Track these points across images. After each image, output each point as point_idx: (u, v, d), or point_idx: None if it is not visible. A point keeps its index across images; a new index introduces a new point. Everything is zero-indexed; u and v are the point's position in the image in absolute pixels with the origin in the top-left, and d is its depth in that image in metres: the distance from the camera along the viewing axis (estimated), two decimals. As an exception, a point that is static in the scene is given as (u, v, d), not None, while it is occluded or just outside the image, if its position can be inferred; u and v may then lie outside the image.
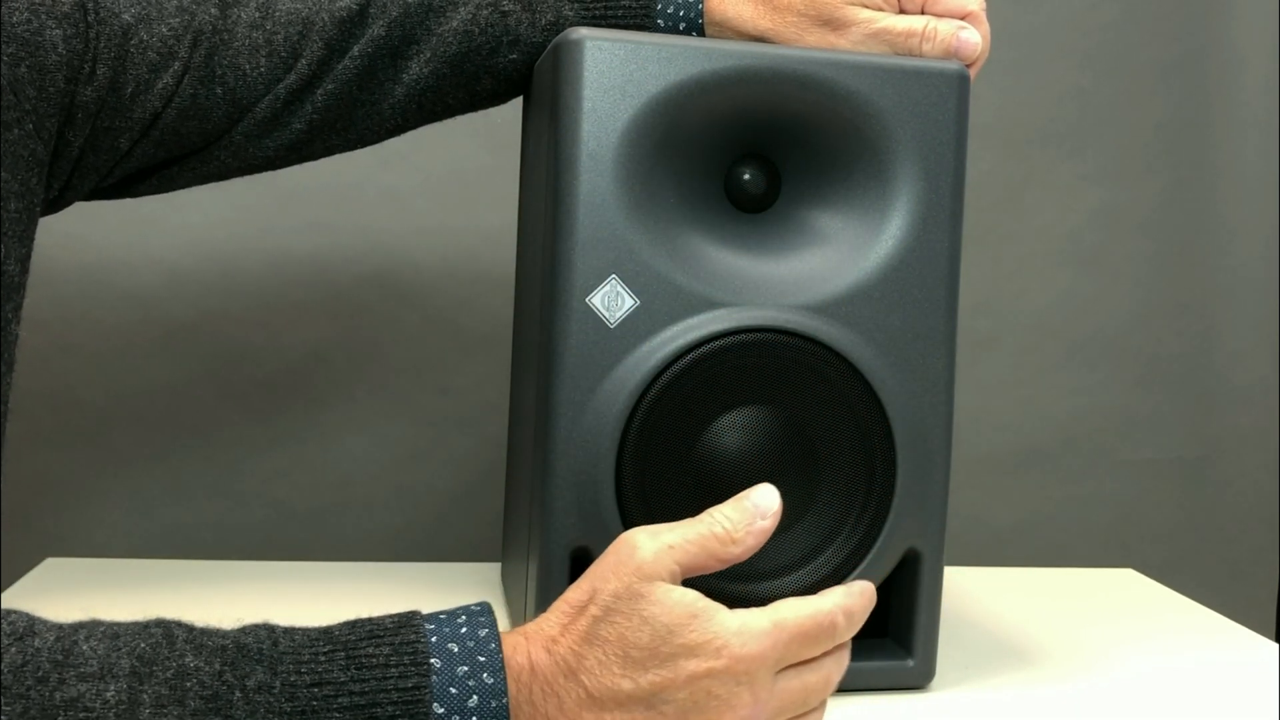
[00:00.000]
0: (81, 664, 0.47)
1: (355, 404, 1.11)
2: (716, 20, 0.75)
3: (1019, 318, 1.22)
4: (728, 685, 0.52)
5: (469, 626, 0.53)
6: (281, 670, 0.49)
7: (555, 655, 0.53)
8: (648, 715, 0.52)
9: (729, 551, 0.55)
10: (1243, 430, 1.27)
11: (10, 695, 0.44)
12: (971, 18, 0.74)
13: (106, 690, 0.46)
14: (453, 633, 0.53)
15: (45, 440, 1.05)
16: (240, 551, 1.08)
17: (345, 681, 0.49)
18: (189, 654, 0.48)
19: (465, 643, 0.52)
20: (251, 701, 0.48)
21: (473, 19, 0.75)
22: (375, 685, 0.50)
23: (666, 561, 0.54)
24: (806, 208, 0.72)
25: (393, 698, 0.50)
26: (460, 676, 0.51)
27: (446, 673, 0.51)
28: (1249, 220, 1.25)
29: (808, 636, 0.55)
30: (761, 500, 0.56)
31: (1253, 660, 0.84)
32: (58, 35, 0.64)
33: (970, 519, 1.21)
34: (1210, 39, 1.23)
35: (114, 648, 0.48)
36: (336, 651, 0.50)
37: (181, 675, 0.48)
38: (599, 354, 0.68)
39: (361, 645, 0.51)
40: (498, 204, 1.05)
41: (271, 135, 0.75)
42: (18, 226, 0.62)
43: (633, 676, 0.52)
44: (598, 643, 0.52)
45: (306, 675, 0.49)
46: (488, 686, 0.51)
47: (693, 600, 0.53)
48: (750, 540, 0.55)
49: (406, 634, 0.52)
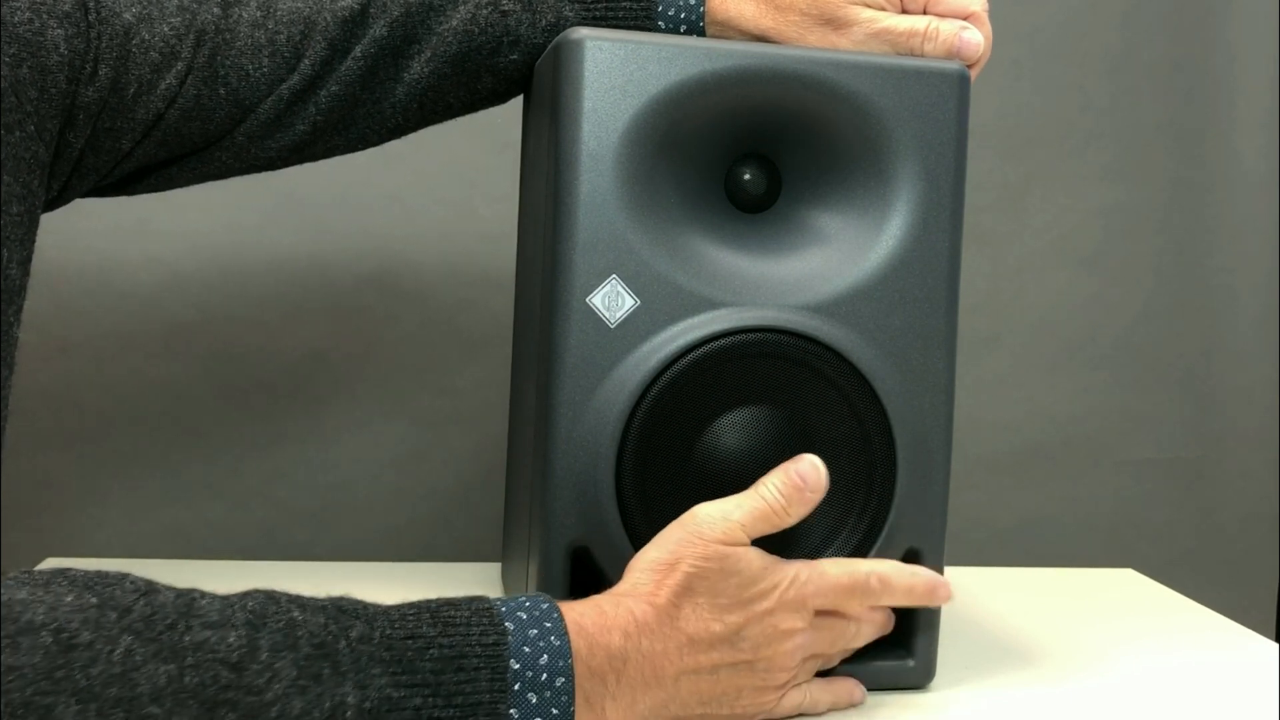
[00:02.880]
0: (203, 615, 0.51)
1: (355, 404, 1.11)
2: (718, 20, 0.75)
3: (1019, 318, 1.22)
4: (787, 617, 0.65)
5: (531, 602, 0.60)
6: (379, 625, 0.55)
7: (657, 606, 0.62)
8: (732, 651, 0.63)
9: (782, 520, 0.66)
10: (1243, 430, 1.27)
11: (144, 639, 0.49)
12: (974, 18, 0.74)
13: (228, 636, 0.51)
14: (518, 605, 0.59)
15: (45, 440, 1.05)
16: (240, 551, 1.08)
17: (435, 635, 0.55)
18: (295, 609, 0.54)
19: (532, 613, 0.59)
20: (355, 650, 0.53)
21: (473, 18, 0.75)
22: (460, 639, 0.55)
23: (738, 533, 0.64)
24: (806, 208, 0.72)
25: (476, 651, 0.55)
26: (532, 638, 0.57)
27: (519, 634, 0.57)
28: (1249, 220, 1.25)
29: (844, 589, 0.67)
30: (805, 471, 0.66)
31: (1253, 660, 0.84)
32: (59, 35, 0.64)
33: (970, 519, 1.21)
34: (1210, 39, 1.23)
35: (227, 604, 0.53)
36: (422, 613, 0.56)
37: (291, 626, 0.53)
38: (599, 354, 0.68)
39: (443, 610, 0.57)
40: (498, 204, 1.05)
41: (274, 136, 0.75)
42: (19, 230, 0.62)
43: (722, 619, 0.63)
44: (692, 594, 0.63)
45: (399, 630, 0.55)
46: (555, 648, 0.57)
47: (762, 555, 0.65)
48: (799, 509, 0.66)
49: (480, 603, 0.58)
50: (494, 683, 0.55)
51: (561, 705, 0.56)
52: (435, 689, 0.54)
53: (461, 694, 0.54)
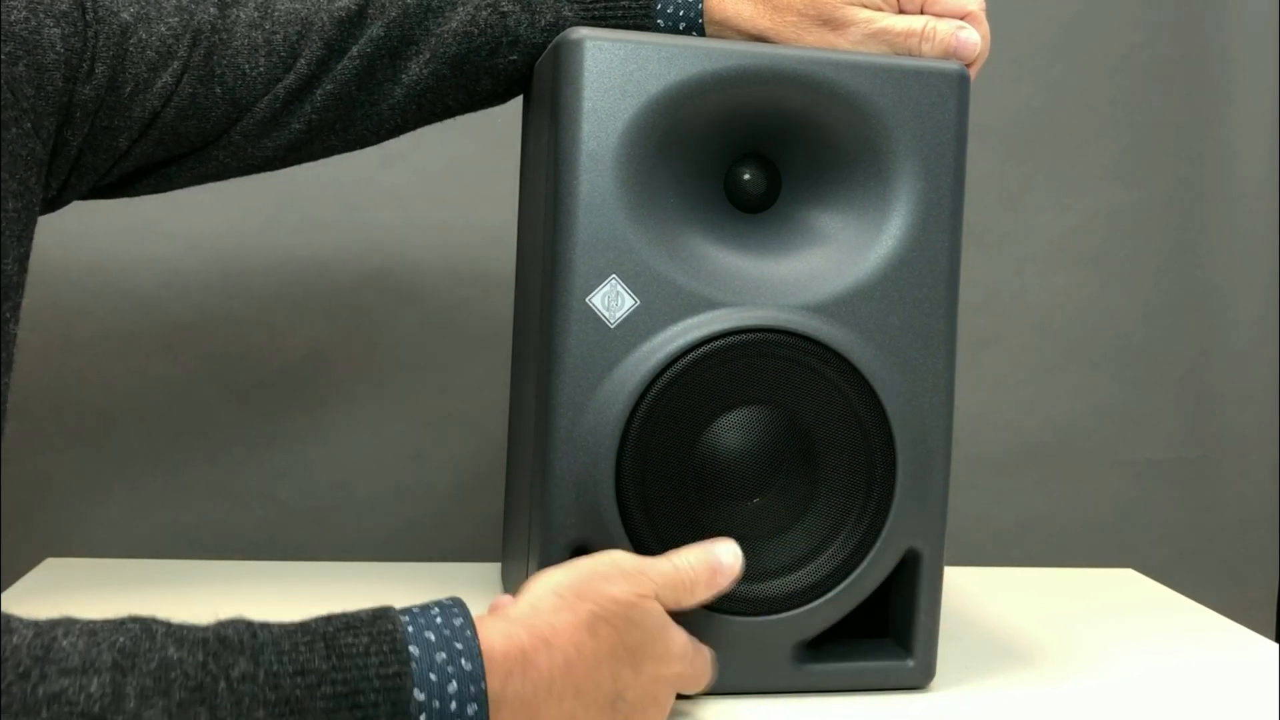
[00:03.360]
0: (63, 659, 0.46)
1: (355, 404, 1.11)
2: (716, 20, 0.75)
3: (1019, 318, 1.22)
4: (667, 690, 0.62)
5: (443, 617, 0.55)
6: (264, 660, 0.50)
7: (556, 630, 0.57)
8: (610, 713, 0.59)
9: (687, 598, 0.64)
10: (1243, 430, 1.27)
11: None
12: (971, 18, 0.74)
13: (90, 684, 0.46)
14: (427, 623, 0.54)
15: (45, 440, 1.05)
16: (240, 551, 1.08)
17: (327, 670, 0.50)
18: (170, 646, 0.49)
19: (441, 631, 0.54)
20: (236, 691, 0.48)
21: (472, 19, 0.75)
22: (357, 673, 0.51)
23: (649, 588, 0.62)
24: (806, 208, 0.72)
25: (374, 685, 0.51)
26: (439, 663, 0.52)
27: (425, 660, 0.52)
28: (1249, 220, 1.25)
29: None
30: (724, 555, 0.65)
31: (1253, 660, 0.84)
32: (56, 34, 0.64)
33: (970, 519, 1.21)
34: (1210, 39, 1.23)
35: (93, 643, 0.48)
36: (316, 641, 0.51)
37: (165, 667, 0.48)
38: (599, 354, 0.68)
39: (340, 635, 0.52)
40: (498, 204, 1.05)
41: (270, 135, 0.75)
42: (16, 226, 0.62)
43: (615, 673, 0.59)
44: (594, 633, 0.58)
45: (289, 664, 0.50)
46: (466, 672, 0.53)
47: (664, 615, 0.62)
48: (704, 592, 0.64)
49: (383, 624, 0.53)
50: (395, 718, 0.51)
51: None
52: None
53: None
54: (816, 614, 0.71)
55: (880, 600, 0.74)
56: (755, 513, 0.70)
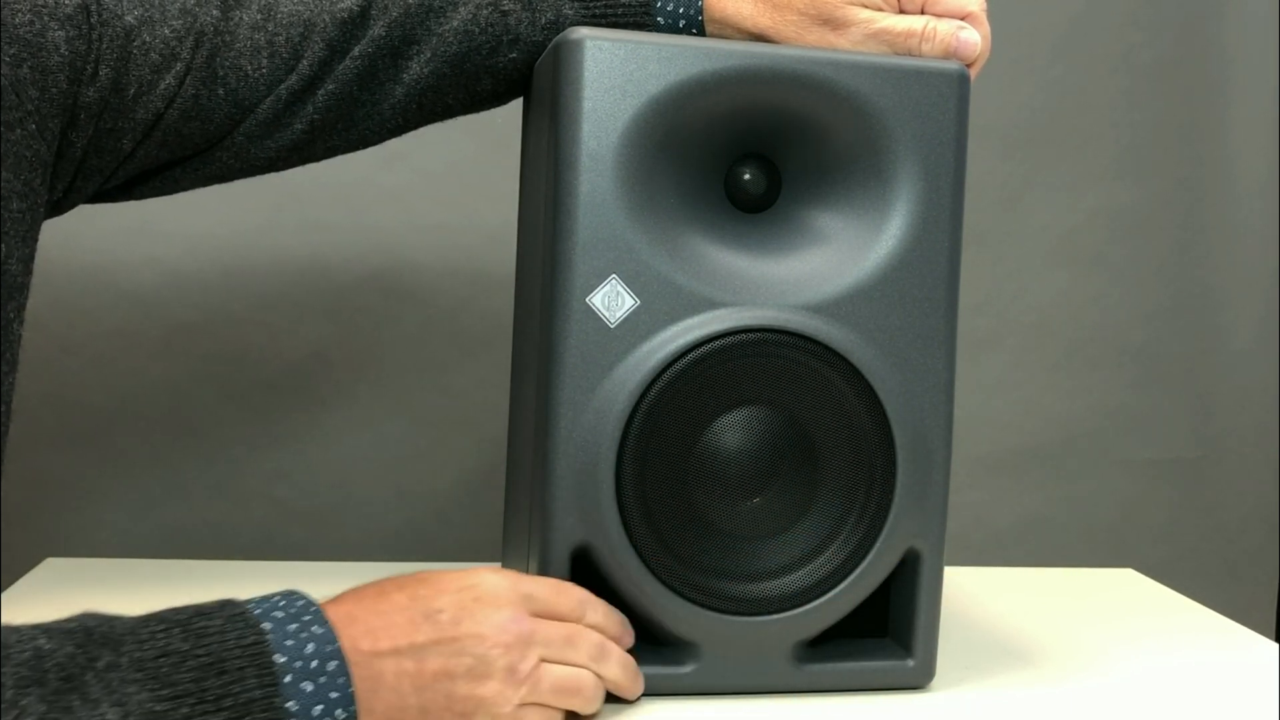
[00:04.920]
0: None
1: (355, 404, 1.11)
2: (716, 18, 0.75)
3: (1019, 318, 1.22)
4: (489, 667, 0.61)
5: (285, 600, 0.58)
6: (126, 649, 0.52)
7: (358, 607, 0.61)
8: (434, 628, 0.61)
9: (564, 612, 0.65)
10: (1243, 430, 1.27)
11: None
12: (971, 18, 0.74)
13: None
14: (272, 606, 0.57)
15: (45, 440, 1.05)
16: (240, 551, 1.08)
17: (189, 649, 0.53)
18: (41, 638, 0.51)
19: (288, 609, 0.57)
20: (104, 679, 0.50)
21: (473, 18, 0.75)
22: (218, 647, 0.53)
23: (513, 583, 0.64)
24: (806, 208, 0.72)
25: (236, 654, 0.53)
26: (293, 632, 0.56)
27: (279, 631, 0.55)
28: (1249, 220, 1.25)
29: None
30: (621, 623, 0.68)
31: (1253, 660, 0.84)
32: (60, 37, 0.64)
33: (970, 519, 1.22)
34: (1210, 39, 1.23)
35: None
36: (172, 628, 0.54)
37: (39, 657, 0.50)
38: (599, 354, 0.68)
39: (194, 621, 0.54)
40: (498, 204, 1.05)
41: (273, 136, 0.75)
42: (20, 227, 0.62)
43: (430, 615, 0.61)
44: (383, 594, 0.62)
45: (150, 650, 0.52)
46: (319, 635, 0.56)
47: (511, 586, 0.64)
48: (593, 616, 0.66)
49: (232, 608, 0.56)
50: (262, 678, 0.53)
51: (340, 686, 0.55)
52: (200, 696, 0.51)
53: (230, 695, 0.52)
54: (816, 614, 0.71)
55: (880, 600, 0.74)
56: (755, 513, 0.70)
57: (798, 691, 0.72)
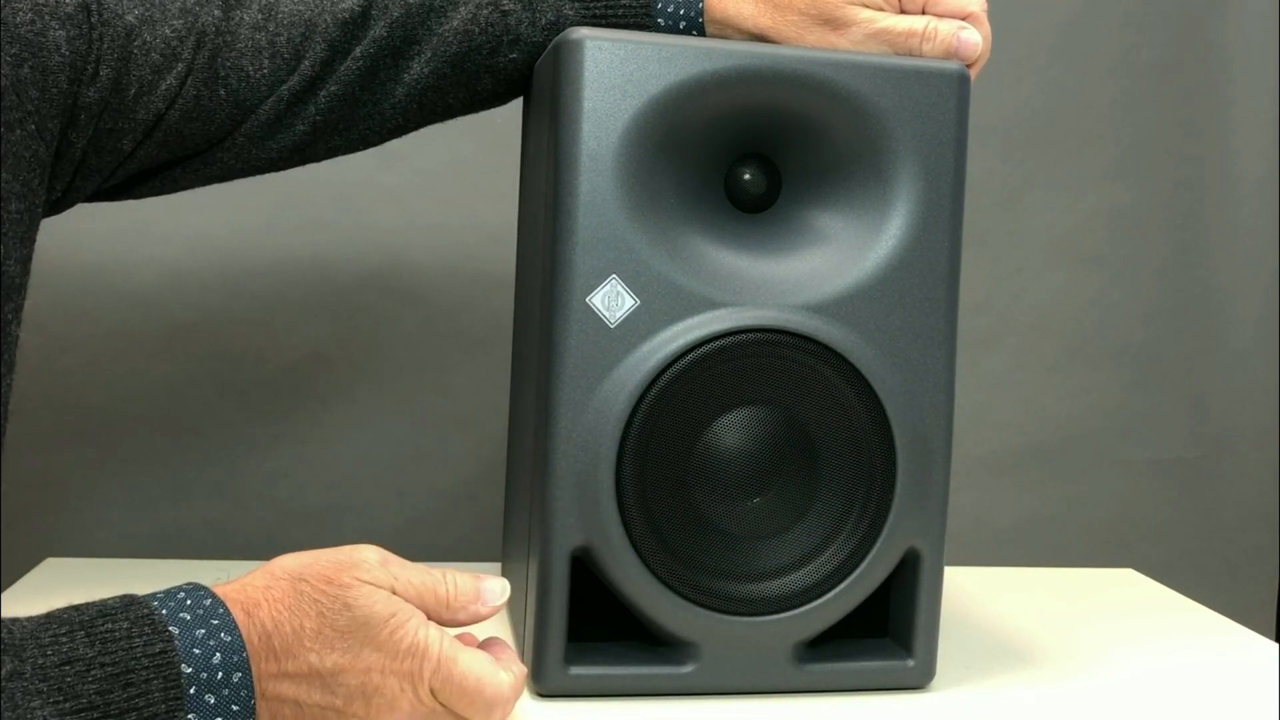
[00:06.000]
0: None
1: (355, 404, 1.11)
2: (717, 19, 0.75)
3: (1019, 318, 1.22)
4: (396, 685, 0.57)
5: (192, 599, 0.56)
6: (28, 656, 0.50)
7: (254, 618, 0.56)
8: (323, 694, 0.57)
9: (441, 615, 0.60)
10: (1243, 430, 1.27)
11: None
12: (972, 18, 0.74)
13: None
14: (179, 606, 0.55)
15: (45, 440, 1.05)
16: (240, 551, 1.08)
17: (94, 656, 0.51)
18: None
19: (195, 611, 0.55)
20: (8, 690, 0.49)
21: (473, 18, 0.75)
22: (124, 655, 0.52)
23: (385, 577, 0.58)
24: (806, 208, 0.72)
25: (144, 663, 0.52)
26: (200, 638, 0.54)
27: (187, 637, 0.54)
28: (1249, 220, 1.25)
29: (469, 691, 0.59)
30: (491, 587, 0.61)
31: (1253, 660, 0.84)
32: (61, 36, 0.64)
33: (970, 519, 1.22)
34: (1210, 39, 1.23)
35: None
36: (75, 631, 0.52)
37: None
38: (599, 354, 0.68)
39: (97, 623, 0.53)
40: (498, 204, 1.05)
41: (274, 136, 0.75)
42: (19, 227, 0.62)
43: (319, 652, 0.56)
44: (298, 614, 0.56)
45: (53, 656, 0.51)
46: (226, 644, 0.54)
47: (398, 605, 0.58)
48: (462, 616, 0.60)
49: (138, 610, 0.54)
50: (168, 690, 0.52)
51: (242, 700, 0.54)
52: (105, 710, 0.50)
53: (134, 709, 0.51)
54: (816, 614, 0.71)
55: (880, 600, 0.74)
56: (755, 512, 0.70)
57: (798, 691, 0.72)
